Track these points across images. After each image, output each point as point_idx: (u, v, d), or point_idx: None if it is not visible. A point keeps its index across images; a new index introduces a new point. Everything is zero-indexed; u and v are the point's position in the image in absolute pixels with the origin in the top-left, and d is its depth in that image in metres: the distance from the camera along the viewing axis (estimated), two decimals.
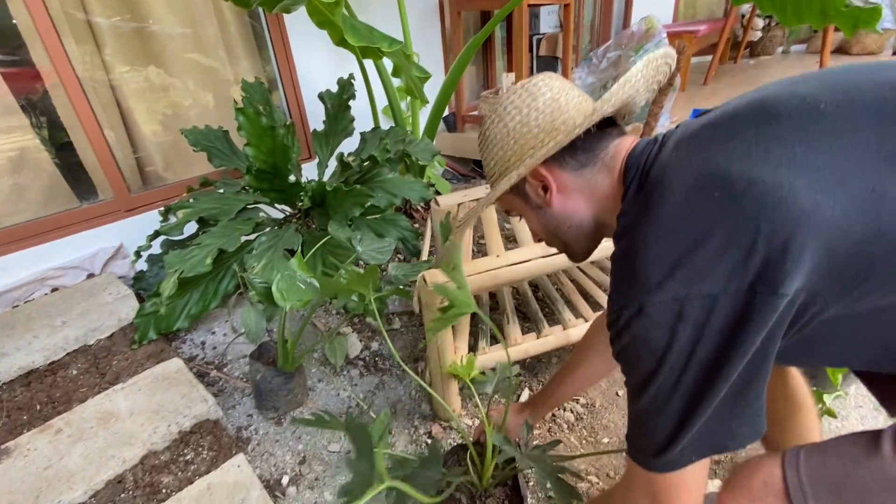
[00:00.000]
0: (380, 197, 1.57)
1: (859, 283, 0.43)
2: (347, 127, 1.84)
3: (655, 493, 0.53)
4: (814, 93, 0.46)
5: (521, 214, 0.69)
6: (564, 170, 0.60)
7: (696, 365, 0.45)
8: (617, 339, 0.51)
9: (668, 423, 0.48)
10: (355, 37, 1.10)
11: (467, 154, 2.80)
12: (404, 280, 1.12)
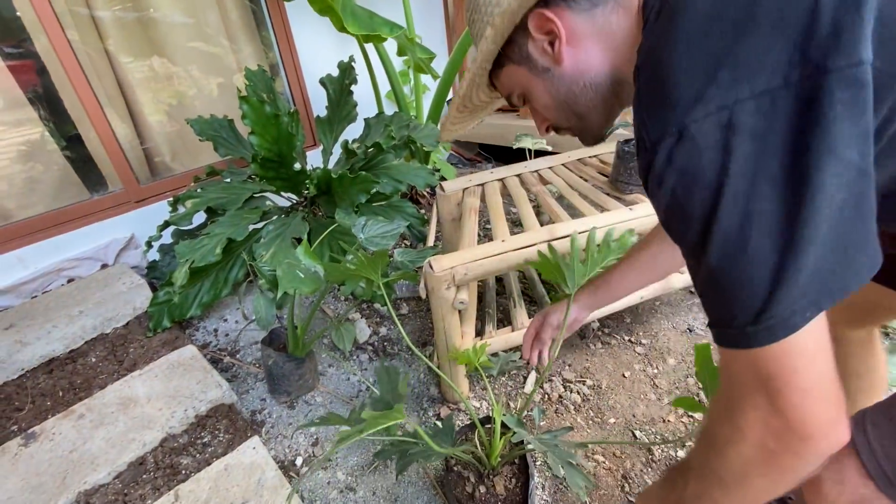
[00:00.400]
0: (385, 183, 1.58)
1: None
2: (351, 113, 1.83)
3: (767, 375, 0.38)
4: None
5: (525, 95, 0.57)
6: (573, 10, 0.49)
7: (767, 185, 0.34)
8: (659, 190, 0.39)
9: (760, 270, 0.35)
10: (355, 25, 1.09)
11: (473, 138, 2.78)
12: (411, 266, 1.13)
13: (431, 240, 1.30)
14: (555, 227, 1.11)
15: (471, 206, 1.31)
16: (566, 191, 1.36)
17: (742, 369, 0.40)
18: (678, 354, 1.34)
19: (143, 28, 1.79)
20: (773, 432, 0.39)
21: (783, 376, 0.37)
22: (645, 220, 1.14)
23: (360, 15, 1.16)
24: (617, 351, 1.38)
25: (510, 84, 0.58)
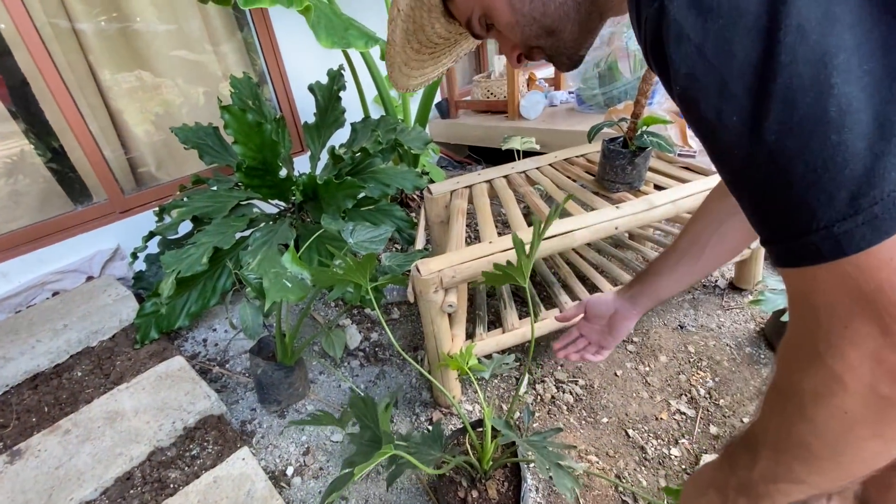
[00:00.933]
0: (373, 188, 1.57)
1: None
2: (339, 118, 1.82)
3: (873, 290, 0.26)
4: None
5: (486, 15, 0.48)
6: None
7: (844, 6, 0.24)
8: (678, 48, 0.28)
9: (851, 133, 0.24)
10: (327, 39, 1.08)
11: (462, 140, 2.78)
12: (399, 270, 1.13)
13: (420, 243, 1.29)
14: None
15: (458, 209, 1.30)
16: (553, 190, 1.36)
17: (831, 290, 0.28)
18: (669, 352, 1.34)
19: (126, 38, 1.78)
20: (888, 371, 0.27)
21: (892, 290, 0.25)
22: (631, 218, 1.14)
23: (335, 27, 1.15)
24: None
25: (469, 3, 0.48)
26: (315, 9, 1.17)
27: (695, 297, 1.54)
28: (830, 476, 0.33)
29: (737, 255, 0.65)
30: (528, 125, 2.45)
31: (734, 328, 1.40)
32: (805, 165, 0.26)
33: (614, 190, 1.28)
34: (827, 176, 0.25)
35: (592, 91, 2.39)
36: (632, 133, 1.20)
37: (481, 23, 0.49)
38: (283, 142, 1.81)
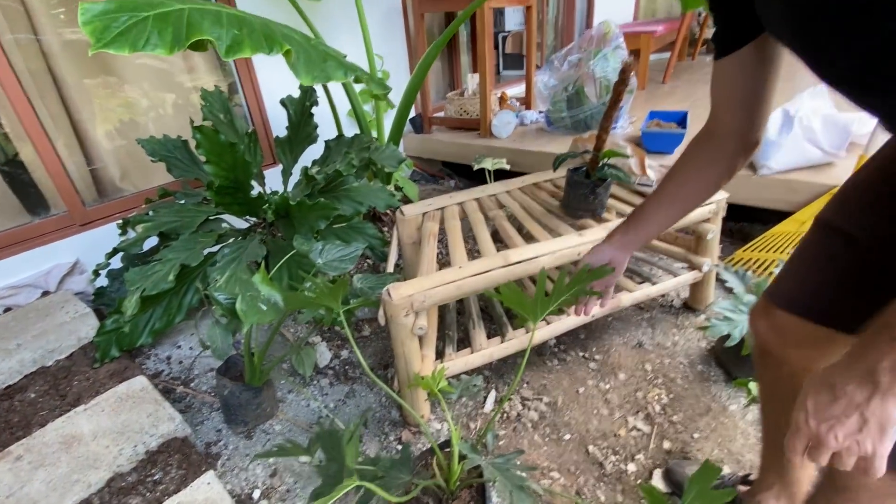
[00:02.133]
0: (345, 206, 1.58)
1: None
2: (311, 134, 1.83)
3: None
4: None
5: None
6: None
7: None
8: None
9: None
10: (307, 75, 1.09)
11: (435, 155, 2.83)
12: (370, 294, 1.15)
13: (391, 265, 1.32)
14: (509, 252, 1.15)
15: (430, 231, 1.34)
16: (521, 215, 1.41)
17: None
18: (628, 369, 1.41)
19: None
20: None
21: None
22: (592, 245, 1.21)
23: (313, 60, 1.17)
24: (572, 367, 1.44)
25: None
26: (294, 50, 1.18)
27: (652, 317, 1.63)
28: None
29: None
30: (499, 144, 2.52)
31: (687, 346, 1.49)
32: None
33: (578, 217, 1.34)
34: None
35: (561, 114, 2.48)
36: (594, 164, 1.27)
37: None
38: (255, 157, 1.81)
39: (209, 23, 1.09)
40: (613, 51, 2.26)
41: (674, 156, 2.06)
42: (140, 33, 0.98)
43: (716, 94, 0.69)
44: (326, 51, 1.24)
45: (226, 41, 1.06)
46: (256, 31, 1.15)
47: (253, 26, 1.16)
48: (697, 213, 1.37)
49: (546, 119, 2.60)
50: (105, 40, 0.94)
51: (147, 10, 1.04)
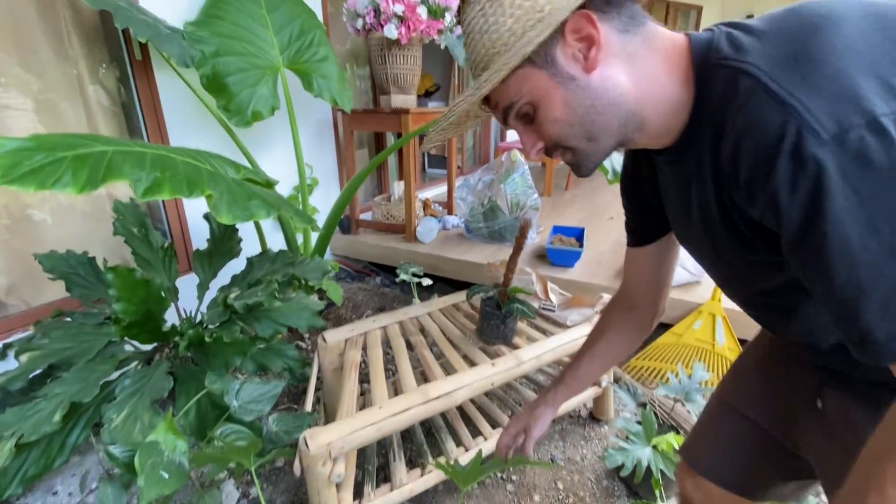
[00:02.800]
0: (265, 327, 1.57)
1: None
2: (234, 248, 1.83)
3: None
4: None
5: (534, 104, 0.53)
6: (610, 23, 0.49)
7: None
8: (832, 179, 0.38)
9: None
10: (228, 214, 1.13)
11: (361, 256, 2.91)
12: (286, 438, 1.13)
13: (310, 401, 1.31)
14: (428, 388, 1.22)
15: (352, 361, 1.37)
16: (440, 339, 1.51)
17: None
18: (542, 489, 1.48)
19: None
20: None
21: None
22: (504, 374, 1.32)
23: (237, 199, 1.21)
24: (491, 491, 1.47)
25: (521, 89, 0.52)
26: (214, 187, 1.21)
27: (563, 428, 1.74)
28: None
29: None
30: (422, 249, 2.68)
31: (594, 461, 1.60)
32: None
33: (491, 343, 1.46)
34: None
35: (478, 224, 2.73)
36: (503, 298, 1.42)
37: (520, 111, 0.54)
38: (170, 271, 1.75)
39: (130, 165, 1.11)
40: (520, 175, 2.59)
41: (574, 269, 2.33)
42: (52, 173, 0.98)
43: (630, 274, 0.85)
44: (253, 192, 1.30)
45: (144, 183, 1.09)
46: (179, 173, 1.19)
47: (176, 168, 1.21)
48: None
49: (466, 227, 2.83)
50: (10, 177, 0.93)
51: (66, 150, 1.05)
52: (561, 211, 3.53)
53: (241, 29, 1.89)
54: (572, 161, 0.58)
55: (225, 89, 1.83)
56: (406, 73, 2.55)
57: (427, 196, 3.95)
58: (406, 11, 2.30)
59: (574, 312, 1.60)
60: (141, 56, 1.91)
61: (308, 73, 2.03)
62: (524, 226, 1.27)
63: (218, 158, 1.60)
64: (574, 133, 0.54)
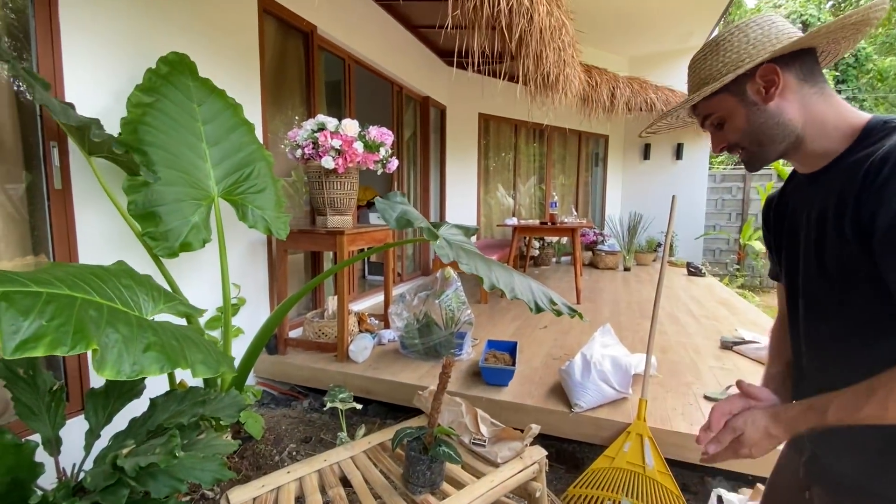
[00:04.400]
0: (160, 485, 1.37)
1: None
2: (136, 387, 1.66)
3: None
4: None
5: (724, 118, 0.80)
6: (791, 74, 0.74)
7: None
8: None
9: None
10: (113, 369, 1.02)
11: (288, 379, 2.73)
12: None
13: None
14: None
15: None
16: (362, 492, 1.39)
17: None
18: None
19: None
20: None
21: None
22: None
23: (130, 347, 1.12)
24: None
25: (719, 106, 0.80)
26: (101, 348, 1.11)
27: None
28: None
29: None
30: (355, 369, 2.58)
31: None
32: None
33: (417, 492, 1.36)
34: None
35: (414, 340, 2.71)
36: (430, 440, 1.37)
37: (714, 121, 0.82)
38: (56, 418, 1.54)
39: (14, 312, 1.02)
40: (454, 291, 2.67)
41: (508, 388, 2.32)
42: None
43: (779, 301, 1.01)
44: (151, 337, 1.21)
45: (21, 335, 0.98)
46: (71, 317, 1.10)
47: (71, 311, 1.12)
48: (525, 474, 1.51)
49: (401, 343, 2.79)
50: None
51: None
52: (497, 320, 3.61)
53: (176, 159, 1.92)
54: (745, 158, 0.82)
55: (154, 218, 1.78)
56: (343, 196, 2.67)
57: (367, 306, 3.92)
58: (343, 145, 2.48)
59: (504, 447, 1.56)
60: (62, 185, 1.87)
61: (244, 203, 2.06)
62: (447, 364, 1.28)
63: (140, 282, 1.52)
64: (749, 139, 0.79)
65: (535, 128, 6.69)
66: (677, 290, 5.03)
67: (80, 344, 1.03)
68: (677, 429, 1.98)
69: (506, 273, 1.70)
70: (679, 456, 1.97)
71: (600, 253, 6.42)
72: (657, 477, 1.86)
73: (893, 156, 0.61)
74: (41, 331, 1.03)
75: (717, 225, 8.60)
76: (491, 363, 2.41)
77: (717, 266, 8.34)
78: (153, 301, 1.48)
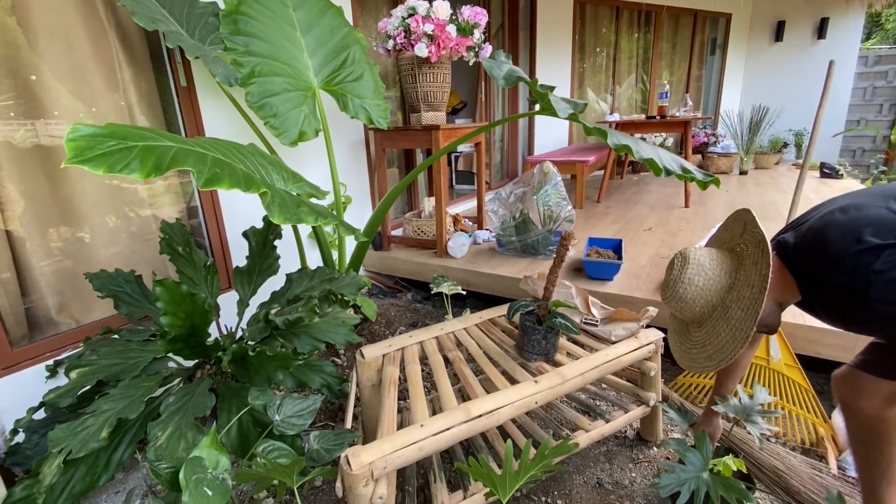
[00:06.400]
0: (304, 343, 1.57)
1: None
2: (272, 265, 1.86)
3: None
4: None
5: (780, 301, 1.05)
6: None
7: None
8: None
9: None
10: (280, 215, 1.16)
11: (393, 272, 2.91)
12: (327, 456, 1.11)
13: (349, 419, 1.28)
14: (469, 406, 1.18)
15: (390, 378, 1.34)
16: (478, 355, 1.46)
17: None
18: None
19: (41, 156, 1.71)
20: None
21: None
22: (548, 392, 1.26)
23: (287, 205, 1.25)
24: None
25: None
26: (269, 192, 1.26)
27: (609, 450, 1.65)
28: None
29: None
30: (454, 264, 2.66)
31: (643, 484, 1.50)
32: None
33: (532, 360, 1.41)
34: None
35: (511, 238, 2.69)
36: (544, 312, 1.37)
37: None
38: (213, 288, 1.79)
39: (193, 160, 1.15)
40: (553, 187, 2.55)
41: (613, 283, 2.25)
42: (122, 159, 1.03)
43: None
44: (302, 199, 1.33)
45: (205, 174, 1.12)
46: (237, 172, 1.23)
47: (234, 168, 1.24)
48: (640, 353, 1.49)
49: (497, 241, 2.80)
50: (83, 157, 0.98)
51: (137, 140, 1.11)
52: (595, 223, 3.45)
53: (276, 49, 1.94)
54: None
55: (270, 108, 1.85)
56: (436, 90, 2.58)
57: (457, 212, 3.95)
58: (436, 30, 2.33)
59: (618, 327, 1.53)
60: (186, 83, 2.00)
61: (344, 94, 2.07)
62: (566, 235, 1.23)
63: (274, 163, 1.63)
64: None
65: (642, 8, 5.79)
66: (807, 192, 4.37)
67: (252, 187, 1.15)
68: (812, 323, 1.80)
69: (628, 137, 1.55)
70: (811, 351, 1.80)
71: (712, 155, 5.71)
72: (783, 370, 1.74)
73: None
74: (218, 175, 1.15)
75: (861, 120, 7.13)
76: (594, 259, 2.33)
77: (857, 169, 7.06)
78: (283, 180, 1.58)
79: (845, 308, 0.91)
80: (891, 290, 0.82)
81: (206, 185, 1.07)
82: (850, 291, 0.86)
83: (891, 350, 1.01)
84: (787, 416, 1.71)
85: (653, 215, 3.54)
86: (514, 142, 4.97)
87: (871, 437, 1.08)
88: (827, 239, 0.90)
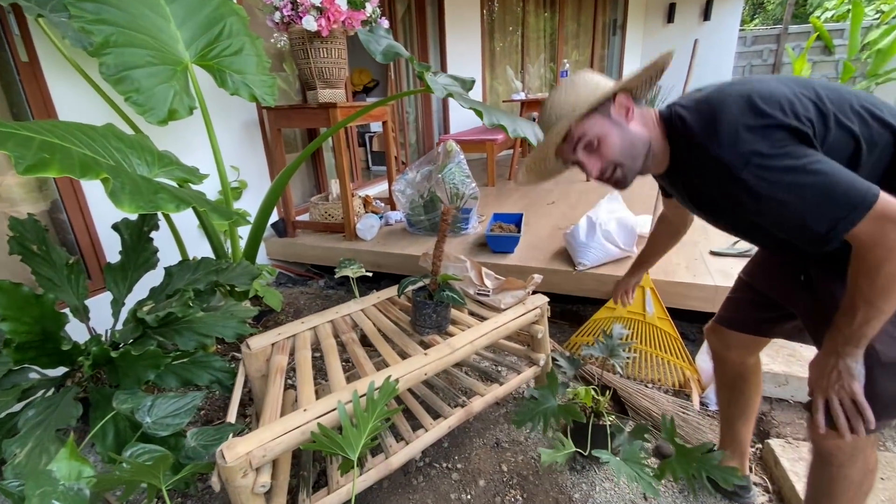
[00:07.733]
0: (187, 340, 1.48)
1: None
2: (150, 259, 1.71)
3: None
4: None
5: (600, 138, 0.91)
6: (635, 102, 0.93)
7: None
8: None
9: None
10: (131, 204, 1.05)
11: (300, 259, 2.81)
12: (204, 453, 1.06)
13: (233, 413, 1.23)
14: (357, 385, 1.18)
15: (277, 366, 1.31)
16: (373, 335, 1.47)
17: (884, 219, 0.74)
18: (487, 474, 1.48)
19: None
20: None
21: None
22: (437, 363, 1.30)
23: (141, 191, 1.13)
24: (436, 482, 1.46)
25: (591, 128, 0.91)
26: (115, 177, 1.14)
27: (508, 411, 1.76)
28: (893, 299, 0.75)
29: (670, 248, 1.47)
30: (364, 246, 2.63)
31: (537, 439, 1.62)
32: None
33: (425, 334, 1.44)
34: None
35: (419, 216, 2.70)
36: (434, 287, 1.41)
37: (588, 143, 0.92)
38: (78, 289, 1.62)
39: (13, 143, 1.01)
40: (457, 165, 2.59)
41: (514, 255, 2.36)
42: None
43: (664, 206, 1.34)
44: (160, 185, 1.21)
45: (28, 160, 0.99)
46: (72, 156, 1.09)
47: (68, 152, 1.11)
48: (527, 317, 1.58)
49: (407, 221, 2.80)
50: None
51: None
52: (503, 200, 3.57)
53: (135, 18, 1.70)
54: (620, 176, 0.95)
55: (132, 81, 1.62)
56: (331, 66, 2.48)
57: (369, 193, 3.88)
58: (324, 2, 2.23)
59: (507, 295, 1.61)
60: (28, 57, 1.74)
61: (221, 69, 1.91)
62: (445, 211, 1.26)
63: (135, 145, 1.47)
64: (623, 155, 0.92)
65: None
66: None
67: (90, 173, 1.03)
68: (681, 280, 2.01)
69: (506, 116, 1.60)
70: (680, 304, 2.03)
71: None
72: (657, 322, 1.95)
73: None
74: (45, 161, 1.02)
75: None
76: (496, 233, 2.41)
77: None
78: (147, 164, 1.44)
79: (714, 184, 0.83)
80: (762, 176, 0.75)
81: (28, 172, 0.95)
82: (722, 165, 0.78)
83: (752, 308, 1.16)
84: (662, 364, 1.92)
85: (556, 189, 3.73)
86: (429, 121, 4.95)
87: (735, 381, 1.30)
88: (720, 101, 0.82)
